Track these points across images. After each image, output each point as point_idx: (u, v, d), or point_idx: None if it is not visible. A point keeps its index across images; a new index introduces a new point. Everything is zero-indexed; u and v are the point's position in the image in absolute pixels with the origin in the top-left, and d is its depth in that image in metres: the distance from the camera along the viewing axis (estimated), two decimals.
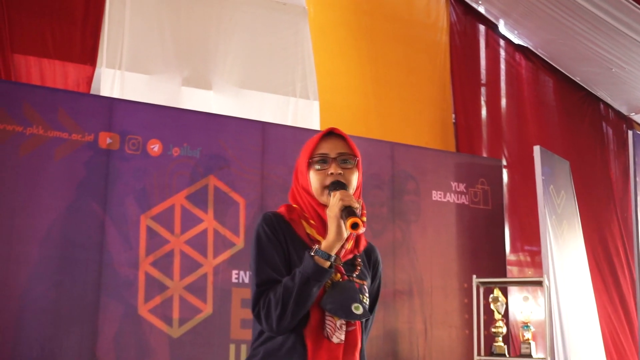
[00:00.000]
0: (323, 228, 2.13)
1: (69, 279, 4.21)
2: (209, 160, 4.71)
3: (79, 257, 4.26)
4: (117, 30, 4.91)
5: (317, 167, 2.17)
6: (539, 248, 6.78)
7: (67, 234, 4.26)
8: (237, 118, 4.96)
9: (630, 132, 5.62)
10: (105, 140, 4.43)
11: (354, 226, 1.97)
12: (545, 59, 7.54)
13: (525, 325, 4.81)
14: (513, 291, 5.89)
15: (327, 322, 2.05)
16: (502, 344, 4.80)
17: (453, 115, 6.83)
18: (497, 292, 4.89)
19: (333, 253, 2.03)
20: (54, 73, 4.63)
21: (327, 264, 2.01)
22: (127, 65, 4.92)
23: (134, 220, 4.45)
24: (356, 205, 2.03)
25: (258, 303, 2.07)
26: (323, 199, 2.14)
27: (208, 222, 4.64)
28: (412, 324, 5.25)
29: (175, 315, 4.45)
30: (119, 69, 4.88)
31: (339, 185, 2.12)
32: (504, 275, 5.56)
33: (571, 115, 7.68)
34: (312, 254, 2.02)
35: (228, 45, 5.35)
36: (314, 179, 2.16)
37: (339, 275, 2.10)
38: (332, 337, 2.04)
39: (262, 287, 2.08)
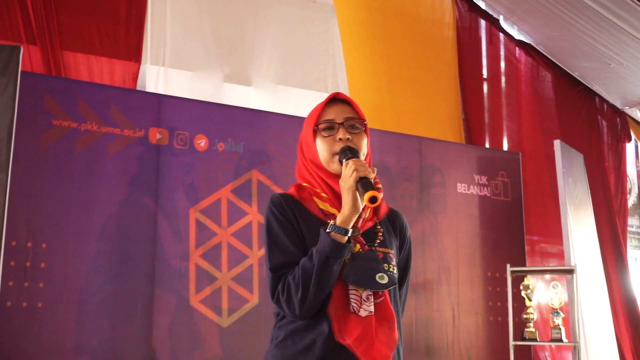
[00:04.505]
0: (337, 200, 1.99)
1: (124, 272, 4.31)
2: (252, 155, 4.83)
3: (134, 251, 4.35)
4: (159, 28, 5.00)
5: (324, 134, 2.02)
6: (547, 237, 7.04)
7: (122, 228, 4.35)
8: (277, 114, 5.07)
9: None
10: (155, 135, 4.52)
11: (372, 200, 1.81)
12: (545, 55, 7.78)
13: (555, 312, 5.02)
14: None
15: (352, 295, 1.91)
16: (533, 330, 5.01)
17: (462, 110, 7.03)
18: (527, 280, 5.09)
19: (350, 227, 1.89)
20: (102, 70, 4.70)
21: (345, 238, 1.88)
22: (171, 62, 5.01)
23: (183, 214, 4.56)
24: (371, 175, 1.88)
25: (276, 289, 1.94)
26: (333, 167, 2.01)
27: (252, 215, 4.76)
28: (441, 311, 5.44)
29: (225, 305, 4.57)
30: (163, 66, 4.97)
31: (350, 151, 1.96)
32: (524, 264, 5.78)
33: (568, 108, 7.91)
34: (328, 230, 1.88)
35: (264, 42, 5.47)
36: (321, 148, 2.02)
37: (358, 246, 1.96)
38: (358, 311, 1.90)
39: (278, 273, 1.95)
